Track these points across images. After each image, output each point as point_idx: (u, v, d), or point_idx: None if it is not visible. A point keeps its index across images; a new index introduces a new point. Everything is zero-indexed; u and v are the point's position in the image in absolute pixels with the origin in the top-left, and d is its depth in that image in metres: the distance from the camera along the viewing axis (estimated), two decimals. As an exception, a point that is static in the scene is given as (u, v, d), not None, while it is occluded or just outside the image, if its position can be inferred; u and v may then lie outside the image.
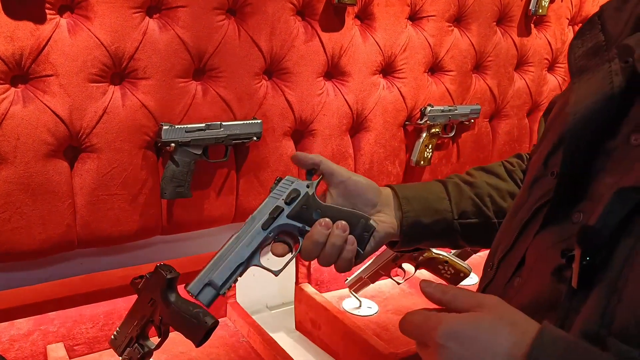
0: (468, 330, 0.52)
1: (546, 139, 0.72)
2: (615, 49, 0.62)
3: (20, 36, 1.19)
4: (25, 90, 1.23)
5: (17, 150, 1.22)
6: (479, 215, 0.90)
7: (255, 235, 0.81)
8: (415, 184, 0.92)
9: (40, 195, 1.27)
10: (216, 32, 1.42)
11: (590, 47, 0.66)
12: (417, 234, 0.87)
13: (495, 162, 0.99)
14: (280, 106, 1.56)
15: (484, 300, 0.55)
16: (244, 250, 0.81)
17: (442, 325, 0.53)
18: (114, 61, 1.30)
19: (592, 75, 0.63)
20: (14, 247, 1.27)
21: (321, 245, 0.79)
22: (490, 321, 0.52)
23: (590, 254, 0.54)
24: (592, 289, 0.53)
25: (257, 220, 0.82)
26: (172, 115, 1.40)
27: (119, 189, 1.37)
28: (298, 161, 0.87)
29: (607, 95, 0.60)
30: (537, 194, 0.68)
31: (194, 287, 0.79)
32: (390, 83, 1.78)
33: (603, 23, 0.66)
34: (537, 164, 0.71)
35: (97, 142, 1.32)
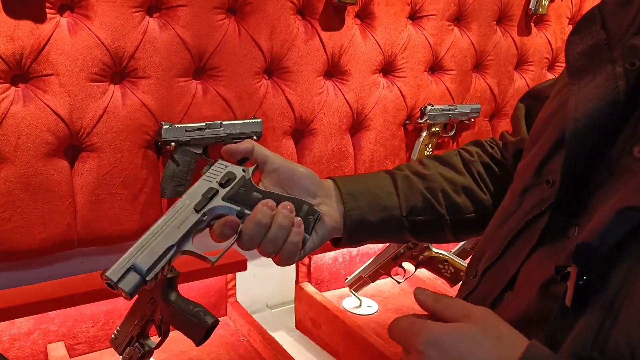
0: (449, 340, 0.51)
1: (538, 145, 0.68)
2: (619, 49, 0.57)
3: (21, 35, 1.19)
4: (25, 89, 1.23)
5: (18, 149, 1.22)
6: (430, 212, 0.82)
7: (186, 218, 0.70)
8: (359, 176, 0.84)
9: (40, 195, 1.27)
10: (216, 31, 1.42)
11: (590, 44, 0.61)
12: (362, 233, 0.79)
13: (452, 151, 0.91)
14: (281, 105, 1.56)
15: (472, 310, 0.53)
16: (174, 232, 0.69)
17: (424, 333, 0.52)
18: (114, 60, 1.30)
19: (593, 78, 0.58)
20: (15, 246, 1.27)
21: (265, 228, 0.68)
22: (474, 332, 0.51)
23: (587, 273, 0.51)
24: (586, 309, 0.51)
25: (187, 202, 0.71)
26: (172, 115, 1.40)
27: (119, 188, 1.37)
28: (229, 153, 0.75)
29: (611, 102, 0.55)
30: (529, 204, 0.64)
31: (114, 273, 0.64)
32: (390, 82, 1.78)
33: (604, 19, 0.61)
34: (528, 171, 0.67)
35: (98, 142, 1.32)
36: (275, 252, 0.70)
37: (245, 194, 0.72)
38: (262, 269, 1.78)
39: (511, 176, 0.81)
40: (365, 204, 0.78)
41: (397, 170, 0.85)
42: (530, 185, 0.66)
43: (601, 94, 0.56)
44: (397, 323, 0.56)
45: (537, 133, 0.71)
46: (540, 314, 0.57)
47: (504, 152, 0.89)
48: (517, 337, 0.51)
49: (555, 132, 0.65)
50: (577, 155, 0.57)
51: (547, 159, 0.64)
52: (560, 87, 0.70)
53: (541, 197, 0.63)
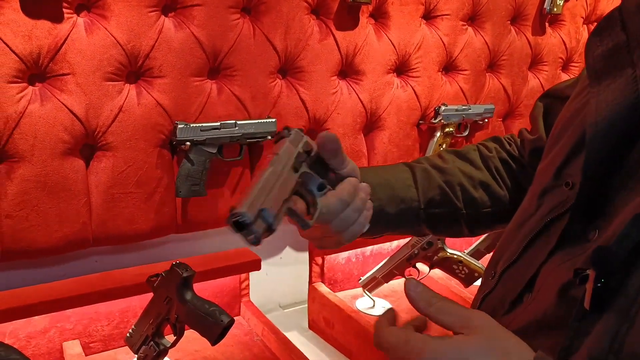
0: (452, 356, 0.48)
1: (558, 147, 0.68)
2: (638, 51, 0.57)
3: (38, 35, 1.19)
4: (42, 88, 1.24)
5: (35, 148, 1.23)
6: (447, 205, 0.83)
7: (289, 176, 0.63)
8: (380, 168, 0.84)
9: (56, 193, 1.27)
10: (231, 30, 1.42)
11: (610, 47, 0.59)
12: (381, 225, 0.79)
13: (470, 146, 0.90)
14: (295, 105, 1.56)
15: (473, 319, 0.51)
16: (285, 186, 0.62)
17: (428, 354, 0.49)
18: (130, 60, 1.31)
19: (613, 81, 0.57)
20: (31, 244, 1.27)
21: (345, 205, 0.67)
22: (480, 349, 0.48)
23: (605, 277, 0.50)
24: (604, 313, 0.50)
25: (285, 160, 0.63)
26: (187, 114, 1.40)
27: (134, 187, 1.37)
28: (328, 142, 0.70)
29: (631, 105, 0.55)
30: (548, 206, 0.64)
31: (249, 213, 0.54)
32: (404, 82, 1.77)
33: (624, 20, 0.59)
34: (547, 173, 0.67)
35: (113, 141, 1.32)
36: (342, 231, 0.69)
37: (323, 167, 0.70)
38: (275, 268, 1.78)
39: (528, 173, 0.81)
40: (384, 195, 0.79)
41: (416, 163, 0.86)
42: (550, 187, 0.65)
43: (621, 98, 0.56)
44: (387, 335, 0.53)
45: (557, 134, 0.71)
46: (559, 317, 0.56)
47: (521, 150, 0.90)
48: (523, 348, 0.49)
49: (575, 134, 0.64)
50: (597, 159, 0.57)
51: (566, 161, 0.64)
52: (580, 89, 0.70)
53: (560, 200, 0.62)
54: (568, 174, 0.63)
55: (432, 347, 0.50)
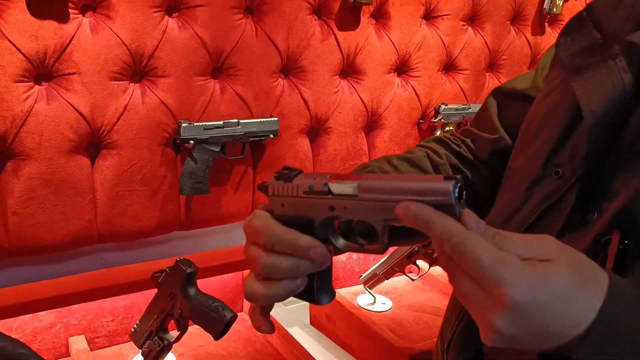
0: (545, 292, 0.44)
1: (539, 140, 0.70)
2: (618, 46, 0.61)
3: (44, 35, 1.22)
4: (48, 88, 1.26)
5: (41, 146, 1.25)
6: None
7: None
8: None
9: (62, 191, 1.29)
10: (234, 31, 1.44)
11: (585, 45, 0.64)
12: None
13: (420, 151, 0.85)
14: (297, 104, 1.58)
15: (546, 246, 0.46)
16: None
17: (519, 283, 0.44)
18: (134, 59, 1.33)
19: (594, 73, 0.62)
20: (37, 241, 1.30)
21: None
22: (567, 280, 0.45)
23: (629, 238, 0.52)
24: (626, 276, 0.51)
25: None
26: (190, 113, 1.42)
27: (139, 185, 1.39)
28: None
29: (620, 93, 0.59)
30: (539, 196, 0.66)
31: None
32: (404, 81, 1.79)
33: (595, 21, 0.65)
34: (532, 166, 0.69)
35: (118, 139, 1.34)
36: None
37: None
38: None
39: (482, 176, 0.83)
40: None
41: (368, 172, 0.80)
42: (538, 179, 0.67)
43: (610, 87, 0.60)
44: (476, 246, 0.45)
45: (534, 130, 0.73)
46: None
47: (475, 151, 0.87)
48: (599, 273, 0.47)
49: (559, 126, 0.67)
50: (598, 144, 0.60)
51: (553, 152, 0.67)
52: (554, 86, 0.72)
53: (551, 189, 0.65)
54: (556, 164, 0.66)
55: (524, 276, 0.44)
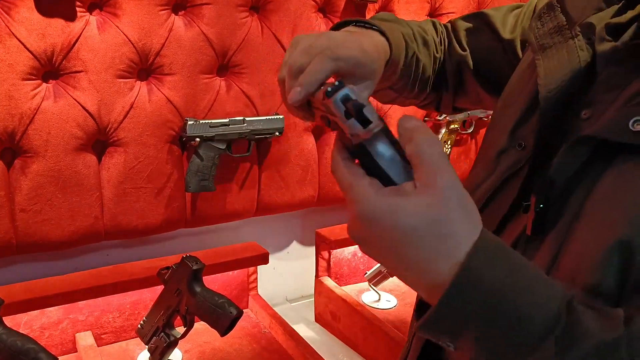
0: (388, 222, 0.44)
1: (510, 111, 0.72)
2: (578, 27, 0.65)
3: (52, 33, 1.22)
4: (56, 85, 1.27)
5: (48, 144, 1.26)
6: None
7: None
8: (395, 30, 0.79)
9: (69, 188, 1.30)
10: (240, 28, 1.45)
11: (552, 27, 0.68)
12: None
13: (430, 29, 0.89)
14: (302, 102, 1.58)
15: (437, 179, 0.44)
16: None
17: (360, 205, 0.45)
18: (141, 57, 1.34)
19: (557, 51, 0.65)
20: (44, 237, 1.31)
21: None
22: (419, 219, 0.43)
23: (544, 202, 0.56)
24: (545, 239, 0.56)
25: None
26: (196, 111, 1.43)
27: (145, 182, 1.40)
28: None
29: (575, 70, 0.62)
30: (504, 166, 0.69)
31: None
32: (409, 79, 1.79)
33: (563, 7, 0.69)
34: (501, 136, 0.71)
35: (124, 137, 1.35)
36: None
37: None
38: (282, 262, 1.81)
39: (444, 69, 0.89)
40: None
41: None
42: (504, 149, 0.70)
43: (566, 63, 0.64)
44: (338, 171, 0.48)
45: (507, 100, 0.77)
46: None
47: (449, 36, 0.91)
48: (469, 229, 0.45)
49: (526, 100, 0.70)
50: (549, 118, 0.63)
51: (518, 124, 0.70)
52: (526, 66, 0.76)
53: (514, 159, 0.68)
54: (520, 136, 0.68)
55: (371, 196, 0.45)
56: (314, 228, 1.73)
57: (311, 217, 1.78)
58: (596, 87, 0.61)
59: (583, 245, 0.52)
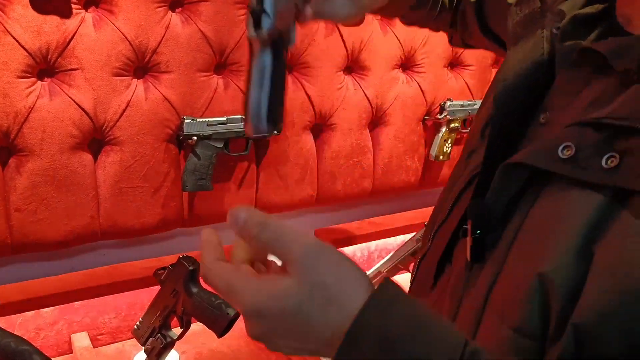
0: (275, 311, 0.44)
1: (484, 106, 0.69)
2: (549, 14, 0.59)
3: (47, 30, 1.21)
4: (51, 83, 1.25)
5: (44, 142, 1.24)
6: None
7: None
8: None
9: (64, 187, 1.29)
10: (237, 26, 1.43)
11: (527, 13, 0.63)
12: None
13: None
14: (300, 100, 1.57)
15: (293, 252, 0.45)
16: None
17: (248, 304, 0.45)
18: (137, 55, 1.32)
19: (525, 43, 0.60)
20: (40, 237, 1.29)
21: None
22: (299, 300, 0.44)
23: (481, 228, 0.52)
24: (484, 266, 0.52)
25: None
26: (193, 109, 1.41)
27: (141, 181, 1.38)
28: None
29: (536, 63, 0.56)
30: (473, 164, 0.65)
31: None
32: (409, 77, 1.78)
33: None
34: (474, 135, 0.68)
35: (120, 135, 1.34)
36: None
37: None
38: (280, 262, 1.79)
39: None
40: None
41: None
42: (475, 147, 0.67)
43: (528, 56, 0.58)
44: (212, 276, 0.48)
45: (488, 91, 0.73)
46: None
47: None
48: (350, 287, 0.44)
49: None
50: (504, 115, 0.58)
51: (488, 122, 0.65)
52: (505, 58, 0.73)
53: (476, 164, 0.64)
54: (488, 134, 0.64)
55: (251, 294, 0.45)
56: (312, 228, 1.72)
57: (310, 216, 1.77)
58: (552, 89, 0.55)
59: (511, 279, 0.49)
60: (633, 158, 0.43)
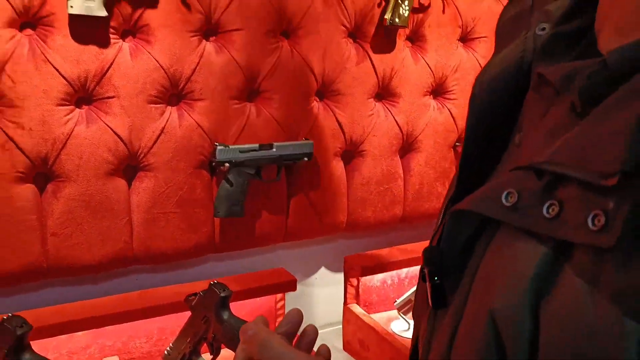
0: None
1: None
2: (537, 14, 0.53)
3: (86, 60, 1.24)
4: (88, 110, 1.28)
5: (80, 168, 1.27)
6: None
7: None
8: None
9: (99, 212, 1.31)
10: (270, 54, 1.45)
11: (517, 11, 0.56)
12: None
13: None
14: (331, 127, 1.58)
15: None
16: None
17: None
18: (172, 83, 1.35)
19: (509, 43, 0.53)
20: (74, 262, 1.31)
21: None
22: None
23: (437, 275, 0.49)
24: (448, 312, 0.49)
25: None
26: (226, 136, 1.43)
27: (174, 207, 1.40)
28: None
29: (515, 66, 0.50)
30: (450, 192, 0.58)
31: None
32: (440, 104, 1.78)
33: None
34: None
35: (154, 161, 1.36)
36: None
37: None
38: (310, 289, 1.79)
39: None
40: None
41: None
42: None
43: (508, 57, 0.52)
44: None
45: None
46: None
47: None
48: None
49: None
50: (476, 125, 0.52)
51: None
52: None
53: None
54: None
55: None
56: (342, 254, 1.71)
57: (340, 242, 1.76)
58: (523, 107, 0.49)
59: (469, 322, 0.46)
60: (572, 207, 0.39)
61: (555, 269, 0.40)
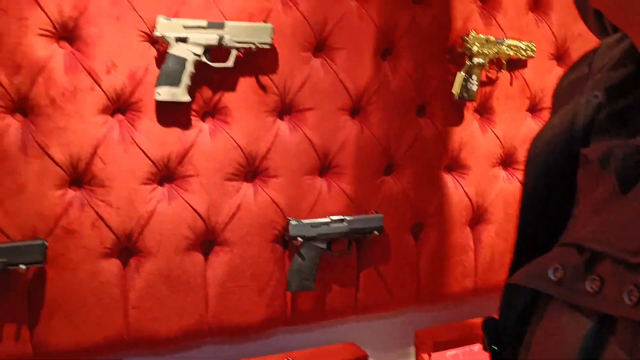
0: None
1: None
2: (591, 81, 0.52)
3: (169, 141, 1.32)
4: (170, 189, 1.35)
5: (161, 244, 1.33)
6: None
7: None
8: None
9: (177, 287, 1.35)
10: (340, 131, 1.50)
11: (574, 78, 0.56)
12: None
13: None
14: (401, 201, 1.59)
15: None
16: None
17: None
18: (248, 161, 1.40)
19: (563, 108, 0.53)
20: (153, 334, 1.35)
21: None
22: None
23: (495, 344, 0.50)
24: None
25: None
26: (298, 211, 1.46)
27: (248, 280, 1.43)
28: None
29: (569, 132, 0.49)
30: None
31: None
32: (510, 175, 1.76)
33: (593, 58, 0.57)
34: None
35: (231, 237, 1.40)
36: None
37: None
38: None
39: None
40: None
41: None
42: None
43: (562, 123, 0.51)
44: None
45: None
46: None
47: None
48: None
49: None
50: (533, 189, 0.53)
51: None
52: None
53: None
54: None
55: None
56: (413, 328, 1.68)
57: (410, 315, 1.74)
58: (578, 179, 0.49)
59: None
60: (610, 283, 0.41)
61: (601, 341, 0.41)
